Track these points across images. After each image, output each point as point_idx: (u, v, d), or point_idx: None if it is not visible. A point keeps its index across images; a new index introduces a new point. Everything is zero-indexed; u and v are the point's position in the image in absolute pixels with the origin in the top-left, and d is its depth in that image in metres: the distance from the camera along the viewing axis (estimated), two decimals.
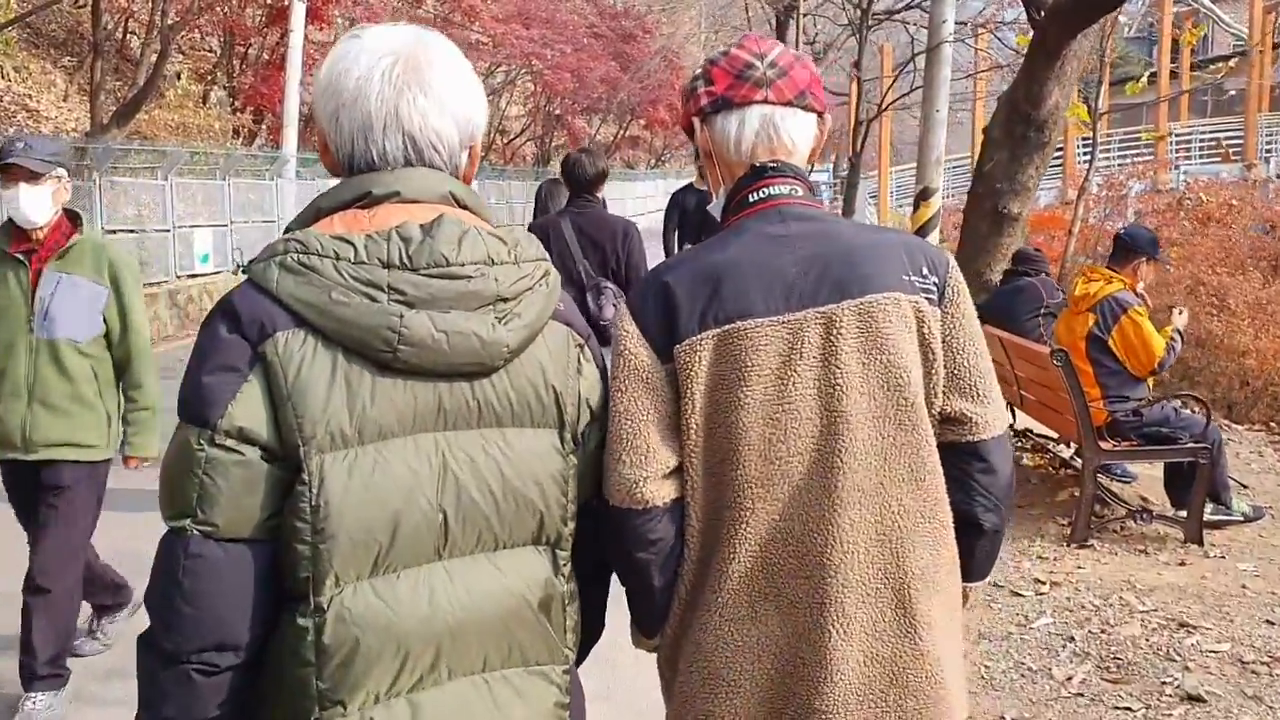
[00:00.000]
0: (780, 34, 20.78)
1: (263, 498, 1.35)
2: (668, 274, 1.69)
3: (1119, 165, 32.27)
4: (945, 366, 1.68)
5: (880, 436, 1.62)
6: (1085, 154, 31.03)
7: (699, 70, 1.78)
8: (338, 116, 1.48)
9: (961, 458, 1.70)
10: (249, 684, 1.39)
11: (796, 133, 1.74)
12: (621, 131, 47.57)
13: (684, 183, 9.13)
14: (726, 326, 1.62)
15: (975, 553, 1.75)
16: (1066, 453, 6.67)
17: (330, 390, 1.35)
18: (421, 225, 1.41)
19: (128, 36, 20.40)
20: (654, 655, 1.85)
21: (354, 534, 1.35)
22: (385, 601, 1.38)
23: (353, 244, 1.38)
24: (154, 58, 16.05)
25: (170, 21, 15.60)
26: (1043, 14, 8.13)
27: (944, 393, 1.68)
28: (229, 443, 1.33)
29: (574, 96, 38.73)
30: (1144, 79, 14.89)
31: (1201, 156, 32.05)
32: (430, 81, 1.47)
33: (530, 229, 4.31)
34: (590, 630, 1.67)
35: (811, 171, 1.81)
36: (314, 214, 1.47)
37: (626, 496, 1.62)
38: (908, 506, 1.63)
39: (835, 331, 1.61)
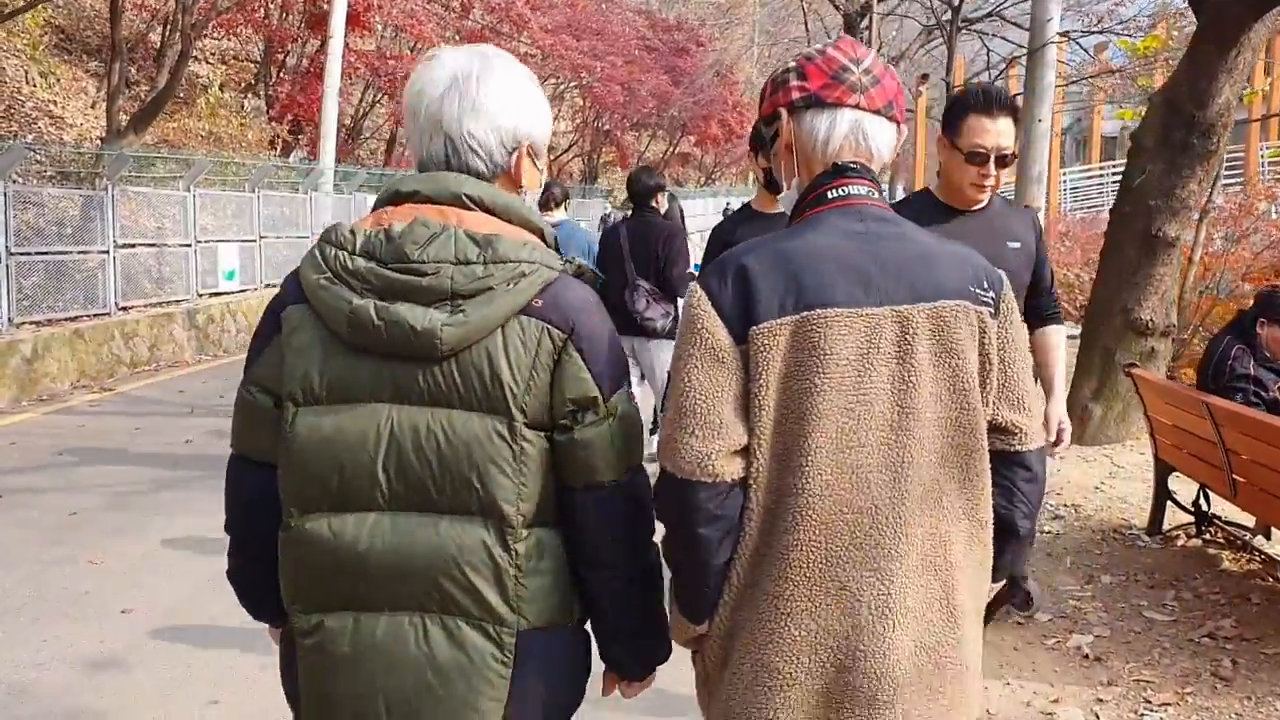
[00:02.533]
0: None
1: (271, 433, 1.67)
2: (746, 257, 1.68)
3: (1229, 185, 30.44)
4: (998, 379, 1.72)
5: (941, 437, 1.66)
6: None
7: (791, 63, 1.79)
8: (410, 124, 1.73)
9: (1008, 466, 1.75)
10: (268, 563, 1.74)
11: (881, 140, 1.76)
12: (672, 148, 46.31)
13: (730, 202, 8.56)
14: (806, 313, 1.62)
15: (1006, 553, 1.79)
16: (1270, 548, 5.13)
17: (309, 356, 1.64)
18: (404, 225, 1.62)
19: (163, 39, 19.31)
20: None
21: (310, 474, 1.64)
22: (333, 533, 1.65)
23: (355, 237, 1.64)
24: (175, 58, 14.82)
25: (193, 20, 14.36)
26: None
27: (995, 403, 1.73)
28: (251, 389, 1.70)
29: (623, 110, 37.58)
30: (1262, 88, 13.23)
31: None
32: (470, 90, 1.67)
33: (601, 236, 6.59)
34: (600, 612, 1.77)
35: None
36: (371, 210, 1.72)
37: (696, 469, 1.62)
38: (956, 505, 1.69)
39: (910, 331, 1.64)
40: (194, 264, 14.47)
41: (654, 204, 6.42)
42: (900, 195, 39.47)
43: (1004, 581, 1.99)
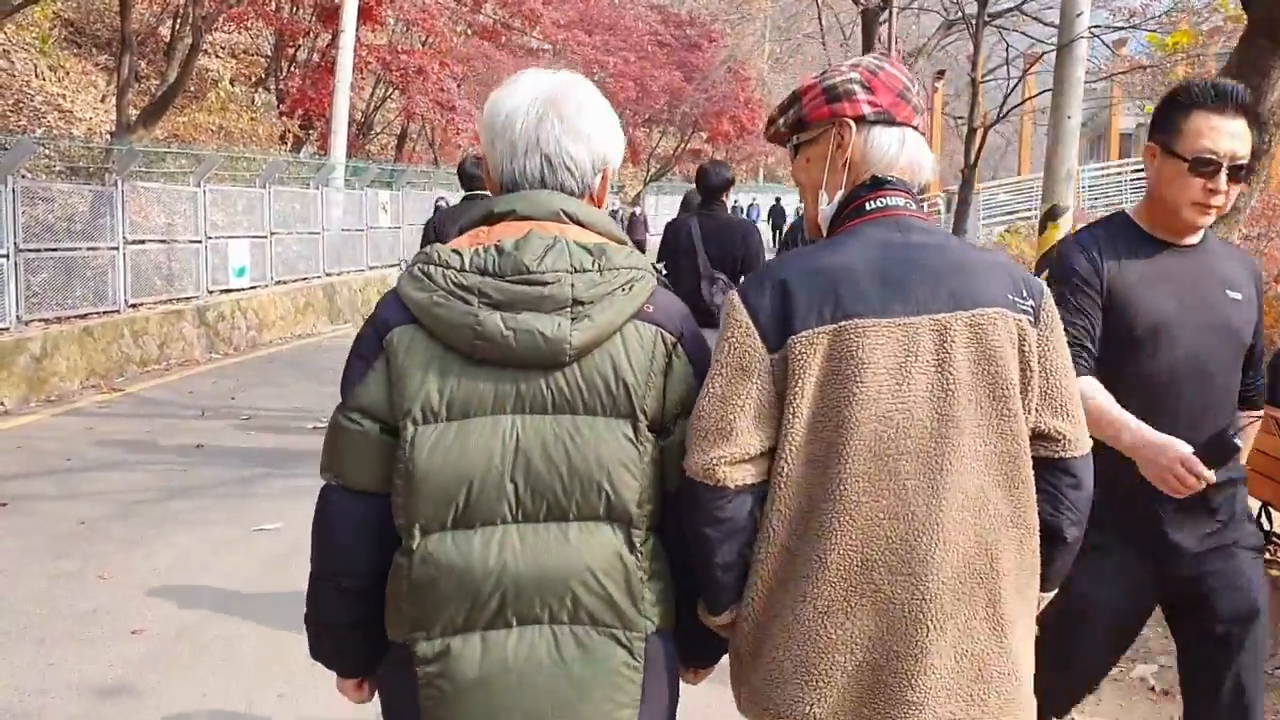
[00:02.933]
0: (867, 38, 19.08)
1: (378, 459, 1.66)
2: (784, 270, 1.73)
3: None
4: (1040, 385, 1.73)
5: (983, 443, 1.67)
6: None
7: (851, 74, 1.80)
8: (494, 144, 1.75)
9: (1052, 473, 1.76)
10: (370, 602, 1.71)
11: (926, 159, 1.83)
12: (683, 145, 46.02)
13: (738, 199, 8.52)
14: (844, 323, 1.65)
15: (1054, 562, 1.79)
16: None
17: (425, 374, 1.64)
18: (516, 239, 1.66)
19: (173, 32, 19.10)
20: None
21: (435, 493, 1.63)
22: (460, 550, 1.64)
23: (461, 255, 1.66)
24: (185, 51, 14.61)
25: (203, 13, 14.13)
26: None
27: (1037, 410, 1.73)
28: (354, 416, 1.67)
29: (635, 106, 37.31)
30: None
31: None
32: (566, 114, 1.72)
33: (666, 228, 6.53)
34: (690, 611, 1.79)
35: None
36: (458, 231, 1.75)
37: (702, 471, 1.67)
38: (1002, 511, 1.69)
39: (949, 339, 1.66)
40: (204, 260, 14.27)
41: (724, 199, 6.52)
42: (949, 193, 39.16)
43: (1055, 592, 1.91)
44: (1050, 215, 11.30)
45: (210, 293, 14.29)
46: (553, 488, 1.63)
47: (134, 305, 12.48)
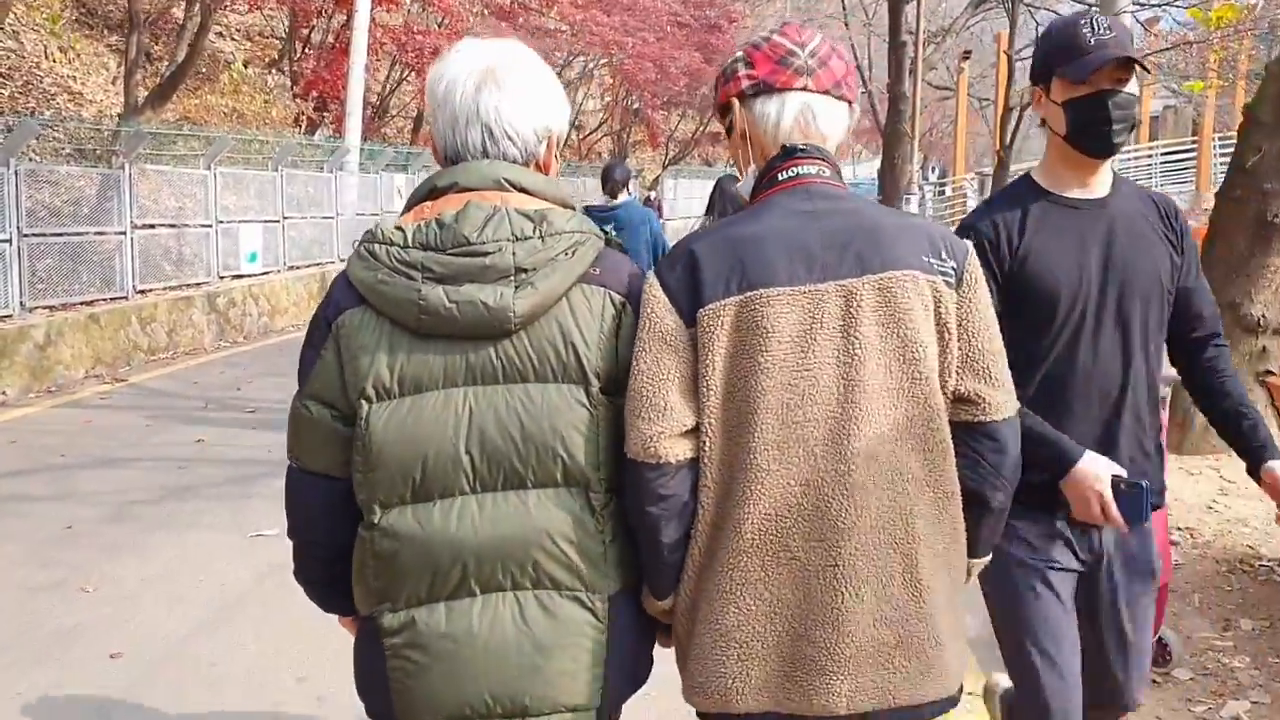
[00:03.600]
0: (894, 17, 18.55)
1: (332, 445, 1.69)
2: (695, 243, 1.74)
3: None
4: (960, 348, 1.71)
5: (894, 407, 1.66)
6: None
7: (739, 54, 1.83)
8: (435, 115, 1.75)
9: (973, 437, 1.73)
10: (340, 568, 1.76)
11: (832, 120, 1.80)
12: (702, 127, 45.42)
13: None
14: (749, 293, 1.65)
15: (981, 529, 1.78)
16: None
17: (376, 353, 1.65)
18: (455, 211, 1.66)
19: (185, 12, 18.72)
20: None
21: (392, 468, 1.65)
22: (420, 523, 1.65)
23: (404, 231, 1.67)
24: (194, 31, 14.23)
25: None
26: None
27: (957, 373, 1.71)
28: (307, 403, 1.70)
29: (654, 88, 36.79)
30: None
31: None
32: (505, 82, 1.71)
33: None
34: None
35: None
36: (405, 209, 1.75)
37: (642, 451, 1.66)
38: (917, 475, 1.67)
39: (855, 304, 1.65)
40: (215, 245, 13.95)
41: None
42: (934, 176, 38.52)
43: (988, 558, 1.84)
44: None
45: (221, 278, 13.98)
46: (509, 456, 1.65)
47: (142, 291, 12.17)
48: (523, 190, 1.70)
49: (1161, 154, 29.36)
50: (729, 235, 1.71)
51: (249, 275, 14.58)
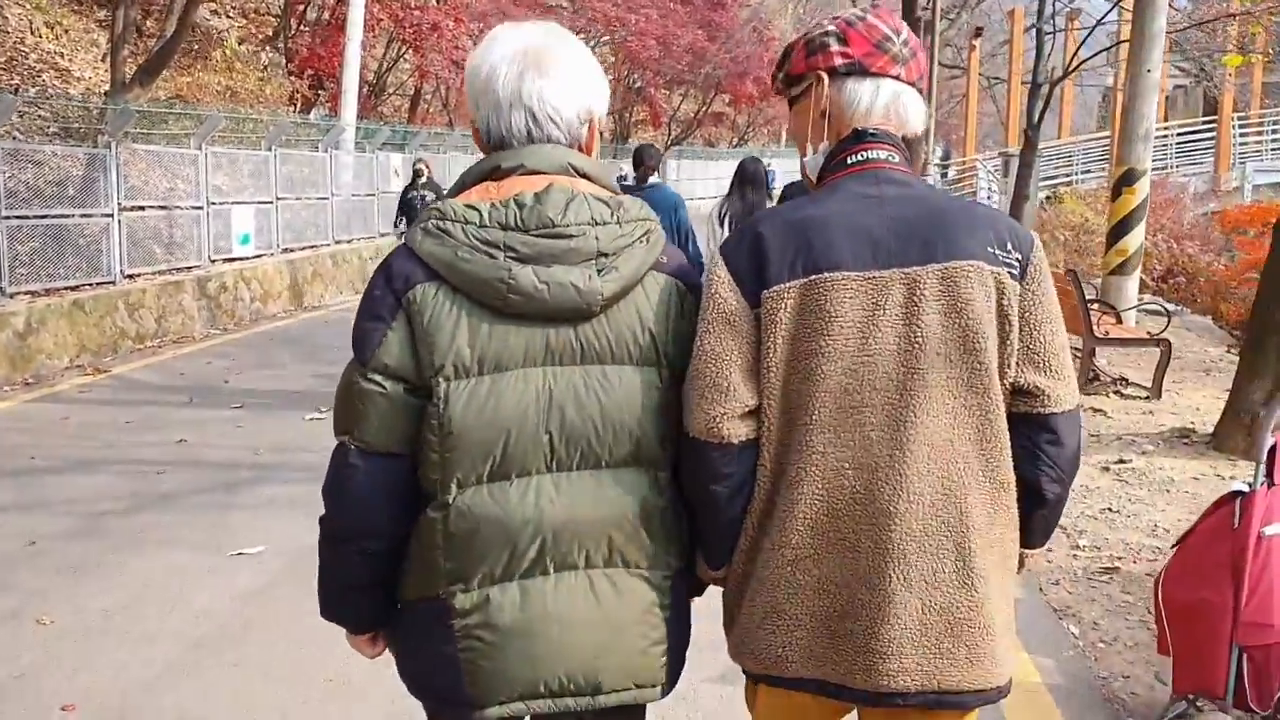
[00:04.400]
0: None
1: (402, 420, 1.66)
2: (762, 225, 1.75)
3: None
4: (1021, 340, 1.72)
5: (952, 396, 1.67)
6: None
7: (829, 27, 1.81)
8: (477, 102, 1.76)
9: (1031, 429, 1.73)
10: (393, 564, 1.74)
11: (915, 112, 1.81)
12: (705, 107, 44.80)
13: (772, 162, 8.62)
14: (814, 276, 1.67)
15: (1035, 520, 1.78)
16: None
17: (455, 330, 1.64)
18: (535, 193, 1.67)
19: None
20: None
21: (472, 446, 1.65)
22: (497, 502, 1.67)
23: (479, 210, 1.67)
24: (184, 5, 13.69)
25: None
26: None
27: (1018, 365, 1.72)
28: (374, 377, 1.65)
29: (657, 66, 36.18)
30: None
31: None
32: (547, 66, 1.72)
33: (786, 188, 7.05)
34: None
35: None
36: (459, 187, 1.75)
37: (705, 431, 1.70)
38: (973, 465, 1.68)
39: (918, 292, 1.66)
40: (206, 228, 13.44)
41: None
42: (937, 156, 37.89)
43: (1043, 548, 1.80)
44: (1126, 179, 10.21)
45: (213, 262, 13.48)
46: (586, 436, 1.68)
47: (130, 276, 11.68)
48: (585, 177, 1.73)
49: (1177, 135, 28.75)
50: (796, 218, 1.72)
51: (241, 259, 14.08)
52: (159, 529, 5.24)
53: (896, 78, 1.77)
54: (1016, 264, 1.70)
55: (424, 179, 13.27)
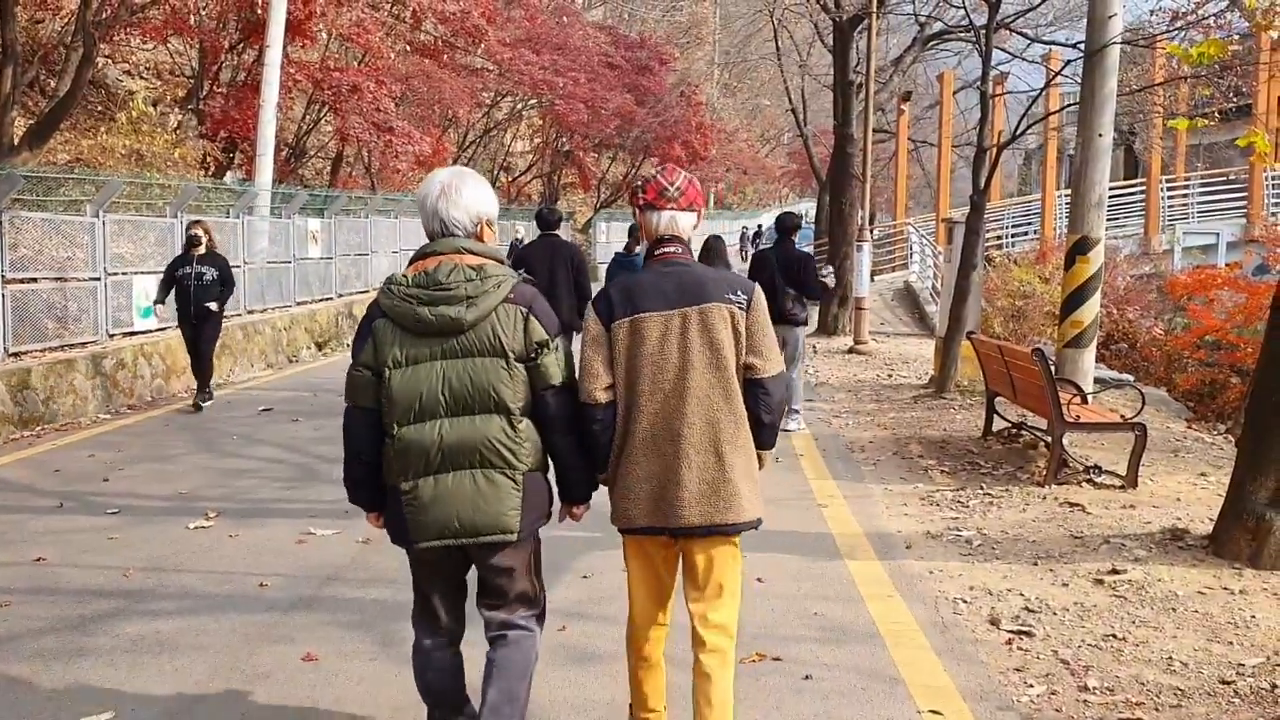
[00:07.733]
0: (841, 56, 17.69)
1: (372, 390, 3.19)
2: (611, 288, 3.38)
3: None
4: (747, 341, 3.29)
5: (709, 372, 3.26)
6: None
7: (640, 181, 3.47)
8: (421, 213, 3.27)
9: (754, 386, 3.31)
10: (375, 467, 3.27)
11: (684, 223, 3.42)
12: (633, 170, 44.55)
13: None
14: (635, 316, 3.28)
15: (761, 433, 3.37)
16: None
17: (392, 343, 3.16)
18: (437, 266, 3.16)
19: (68, 43, 17.20)
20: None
21: (402, 404, 3.14)
22: (418, 433, 3.15)
23: (408, 277, 3.17)
24: (77, 64, 12.79)
25: (96, 18, 12.32)
26: None
27: (745, 353, 3.30)
28: (359, 369, 3.20)
29: (586, 129, 35.80)
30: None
31: None
32: (452, 196, 3.23)
33: (753, 258, 10.69)
34: (560, 461, 3.36)
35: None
36: (412, 260, 3.24)
37: (588, 396, 3.28)
38: (720, 406, 3.27)
39: (688, 321, 3.26)
40: (104, 300, 12.45)
41: (794, 237, 10.00)
42: (876, 219, 37.87)
43: (772, 449, 3.47)
44: (1079, 248, 9.61)
45: (111, 336, 12.48)
46: (464, 397, 3.13)
47: (15, 354, 10.67)
48: (470, 253, 3.20)
49: (1120, 193, 28.95)
50: (629, 283, 3.34)
51: (143, 332, 13.09)
52: None
53: (672, 209, 3.37)
54: (743, 301, 3.27)
55: (201, 248, 11.13)
